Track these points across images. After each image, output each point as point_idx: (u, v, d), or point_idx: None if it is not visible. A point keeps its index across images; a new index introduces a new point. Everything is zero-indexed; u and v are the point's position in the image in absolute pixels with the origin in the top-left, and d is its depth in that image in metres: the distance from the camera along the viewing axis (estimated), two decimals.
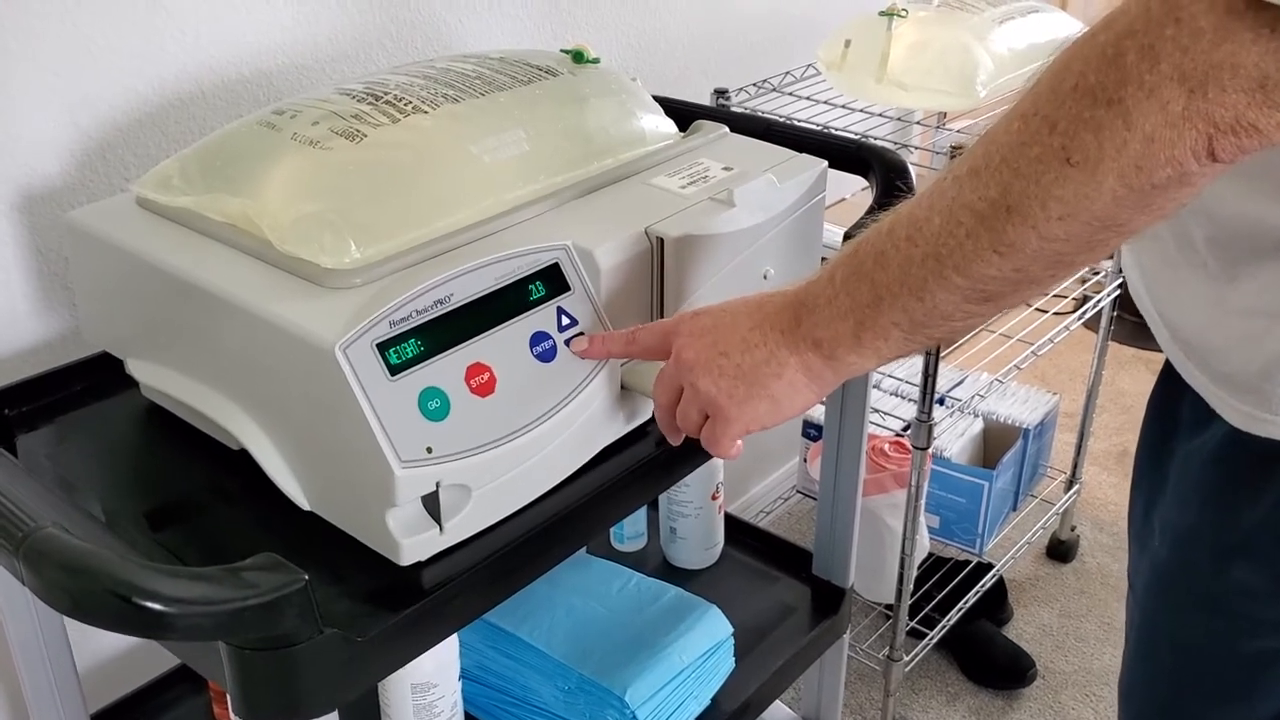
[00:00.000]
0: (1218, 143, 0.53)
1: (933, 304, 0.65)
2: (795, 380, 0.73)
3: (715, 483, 1.32)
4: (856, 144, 1.16)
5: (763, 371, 0.73)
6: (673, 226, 0.86)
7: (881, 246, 0.67)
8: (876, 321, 0.68)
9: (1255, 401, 0.73)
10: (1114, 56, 0.54)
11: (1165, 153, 0.54)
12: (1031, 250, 0.60)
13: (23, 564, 0.61)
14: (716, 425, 0.76)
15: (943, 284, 0.64)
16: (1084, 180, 0.56)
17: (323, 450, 0.76)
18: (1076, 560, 2.09)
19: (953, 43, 1.52)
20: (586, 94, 0.97)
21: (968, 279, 0.63)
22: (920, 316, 0.66)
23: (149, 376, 0.88)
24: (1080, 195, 0.57)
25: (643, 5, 1.52)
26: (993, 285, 0.62)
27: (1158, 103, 0.53)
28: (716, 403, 0.74)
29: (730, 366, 0.73)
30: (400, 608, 0.72)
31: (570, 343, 0.81)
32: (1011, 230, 0.59)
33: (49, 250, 1.01)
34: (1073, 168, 0.56)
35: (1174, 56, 0.52)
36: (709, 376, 0.74)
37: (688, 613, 1.17)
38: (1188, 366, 0.79)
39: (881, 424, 1.71)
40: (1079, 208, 0.57)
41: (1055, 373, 2.55)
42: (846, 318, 0.69)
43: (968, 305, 0.64)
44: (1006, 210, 0.59)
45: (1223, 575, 0.80)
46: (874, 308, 0.67)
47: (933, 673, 1.84)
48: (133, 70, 1.03)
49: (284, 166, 0.84)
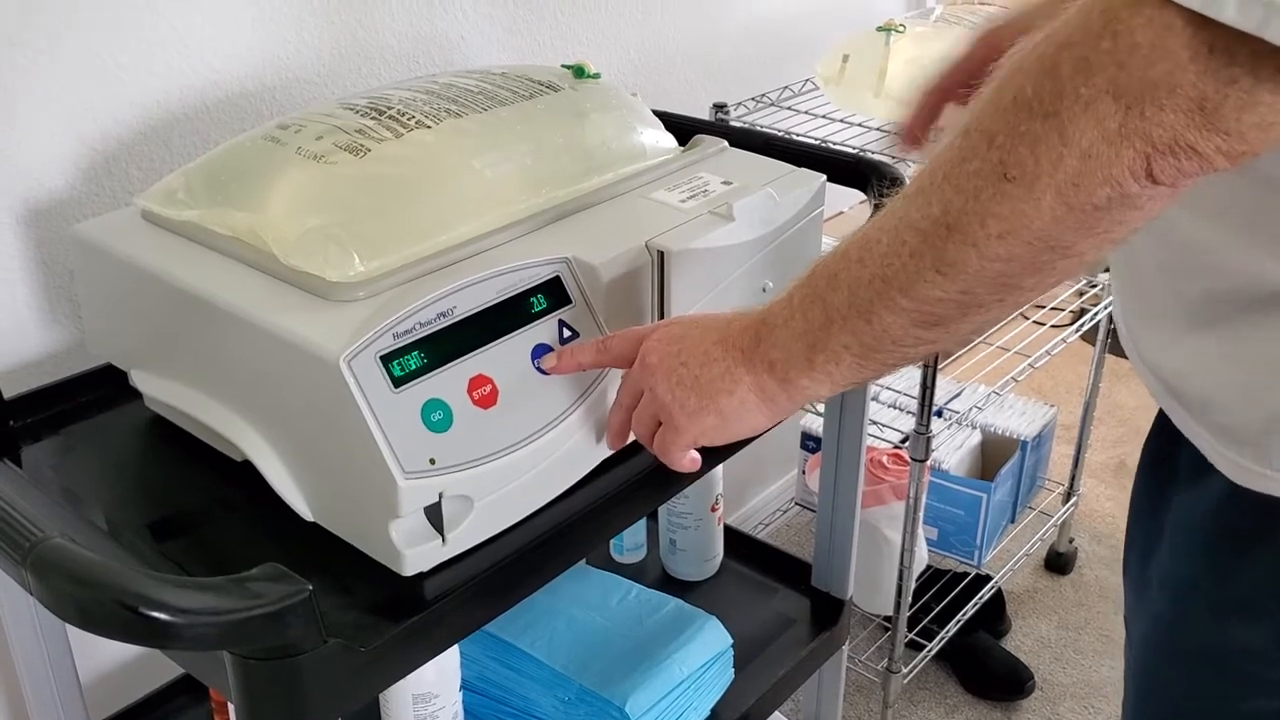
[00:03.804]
0: (1156, 163, 0.52)
1: (881, 327, 0.63)
2: (747, 399, 0.72)
3: (714, 495, 1.32)
4: (855, 158, 1.17)
5: (717, 387, 0.72)
6: (673, 240, 0.87)
7: (835, 268, 0.65)
8: (828, 344, 0.66)
9: (1255, 456, 0.71)
10: (1050, 68, 0.53)
11: (1103, 171, 0.52)
12: (973, 270, 0.58)
13: (30, 574, 0.62)
14: (667, 433, 0.76)
15: (889, 306, 0.62)
16: (1022, 197, 0.55)
17: (326, 461, 0.76)
18: (1075, 572, 2.09)
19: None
20: (587, 109, 0.98)
21: (913, 301, 0.61)
22: (870, 340, 0.64)
23: (153, 388, 0.89)
24: (1018, 213, 0.55)
25: (643, 21, 1.53)
26: (939, 308, 0.61)
27: (1093, 117, 0.51)
28: (669, 410, 0.74)
29: (688, 377, 0.73)
30: (403, 618, 0.73)
31: (539, 361, 0.80)
32: (952, 249, 0.58)
33: (54, 263, 1.02)
34: (1010, 183, 0.55)
35: (1109, 71, 0.51)
36: (666, 383, 0.74)
37: (687, 624, 1.17)
38: (1184, 419, 0.77)
39: (880, 436, 1.72)
40: (1018, 225, 0.55)
41: (1053, 385, 2.56)
42: (800, 340, 0.68)
43: (916, 330, 0.63)
44: (947, 228, 0.58)
45: (1222, 633, 0.78)
46: (825, 330, 0.66)
47: (931, 684, 1.85)
48: (137, 84, 1.04)
49: (288, 180, 0.84)
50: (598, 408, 0.83)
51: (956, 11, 1.66)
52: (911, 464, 1.53)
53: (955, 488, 1.83)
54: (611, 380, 0.84)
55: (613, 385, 0.84)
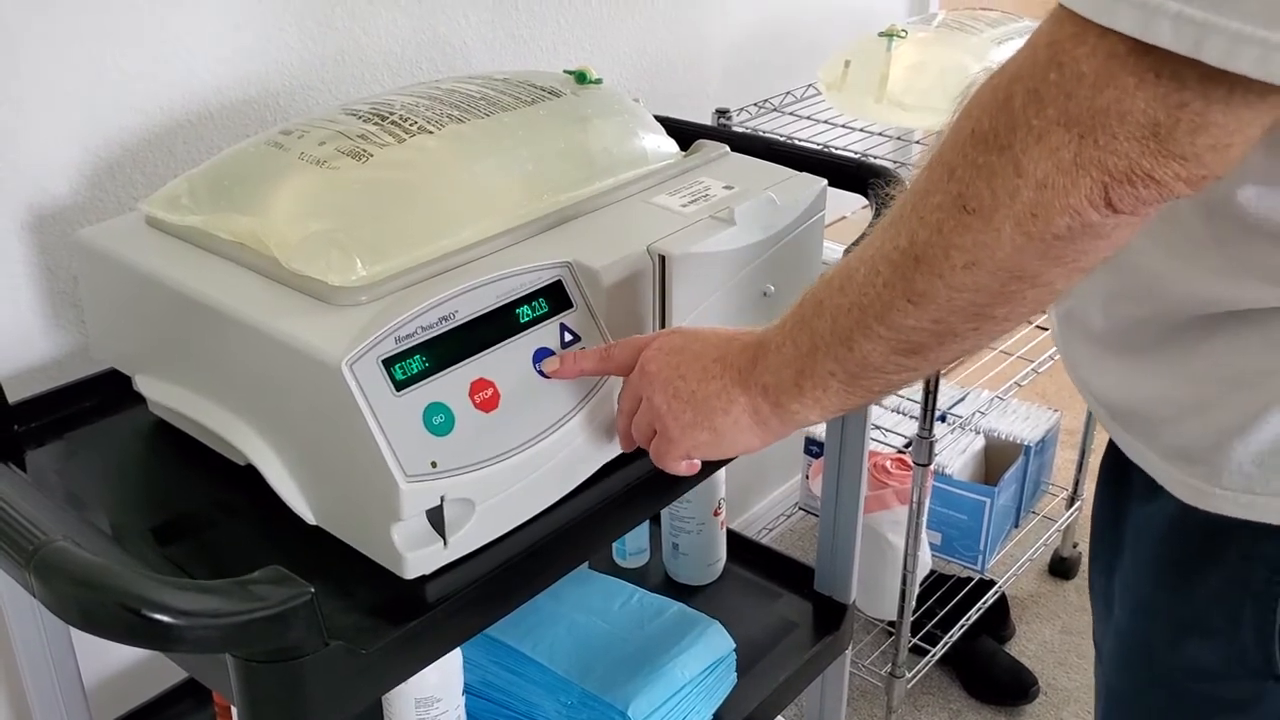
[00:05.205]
0: (1114, 192, 0.52)
1: (861, 354, 0.64)
2: (740, 420, 0.73)
3: (717, 499, 1.32)
4: (856, 163, 1.17)
5: (712, 404, 0.73)
6: (674, 244, 0.87)
7: (820, 295, 0.66)
8: (815, 371, 0.67)
9: (1205, 475, 0.70)
10: (1004, 101, 0.53)
11: (1060, 200, 0.52)
12: (942, 300, 0.59)
13: (33, 577, 0.62)
14: (661, 443, 0.77)
15: (866, 334, 0.63)
16: (981, 228, 0.55)
17: (328, 465, 0.77)
18: (1079, 577, 2.09)
19: (952, 63, 1.53)
20: (589, 114, 0.98)
21: (888, 329, 0.62)
22: (853, 367, 0.65)
23: (157, 393, 0.89)
24: (980, 244, 0.56)
25: (645, 27, 1.53)
26: (915, 336, 0.62)
27: (1047, 148, 0.52)
28: (664, 420, 0.75)
29: (685, 391, 0.74)
30: (404, 621, 0.73)
31: (542, 364, 0.81)
32: (920, 279, 0.59)
33: (59, 268, 1.03)
34: (970, 215, 0.55)
35: (1059, 101, 0.51)
36: (663, 394, 0.75)
37: (690, 628, 1.18)
38: (1129, 442, 0.77)
39: (883, 441, 1.72)
40: (981, 256, 0.56)
41: (1056, 389, 2.56)
42: (790, 366, 0.69)
43: (896, 358, 0.63)
44: (915, 260, 0.59)
45: (1179, 653, 0.77)
46: (811, 356, 0.67)
47: (935, 689, 1.84)
48: (141, 91, 1.04)
49: (291, 186, 0.85)
50: (599, 412, 0.83)
51: (959, 17, 1.66)
52: (915, 469, 1.53)
53: (959, 492, 1.83)
54: (613, 385, 0.84)
55: (614, 389, 0.84)
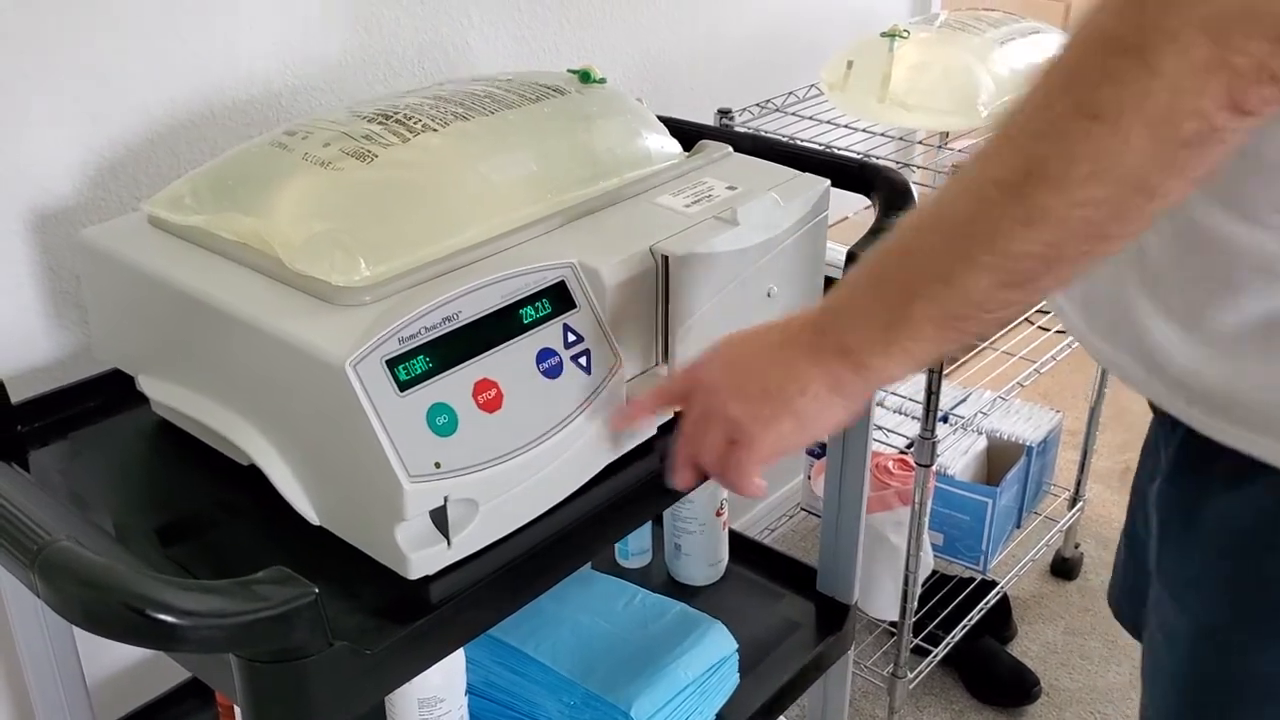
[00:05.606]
0: (1242, 93, 0.51)
1: (963, 291, 0.62)
2: (820, 395, 0.71)
3: (720, 499, 1.32)
4: (859, 163, 1.17)
5: (787, 390, 0.71)
6: (677, 245, 0.87)
7: (906, 245, 0.65)
8: (908, 317, 0.65)
9: None
10: (1136, 3, 0.52)
11: (1191, 103, 0.52)
12: (1060, 217, 0.57)
13: (37, 576, 0.62)
14: (740, 450, 0.75)
15: (971, 265, 0.61)
16: (1108, 134, 0.54)
17: (332, 465, 0.77)
18: (1080, 578, 2.09)
19: (955, 64, 1.53)
20: (593, 114, 0.98)
21: (996, 255, 0.60)
22: (953, 306, 0.63)
23: (160, 393, 0.89)
24: (1106, 151, 0.54)
25: (648, 27, 1.53)
26: (1025, 263, 0.60)
27: (1179, 49, 0.51)
28: (741, 425, 0.74)
29: (755, 388, 0.73)
30: (408, 621, 0.73)
31: (610, 420, 0.83)
32: (1039, 195, 0.57)
33: (62, 268, 1.03)
34: (1095, 121, 0.54)
35: (1194, 2, 0.51)
36: (735, 400, 0.74)
37: (692, 629, 1.18)
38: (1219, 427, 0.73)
39: (885, 441, 1.72)
40: (1107, 165, 0.55)
41: (1058, 390, 2.56)
42: (875, 319, 0.67)
43: (1001, 292, 0.62)
44: (1028, 176, 0.57)
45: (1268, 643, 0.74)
46: (903, 304, 0.65)
47: (937, 690, 1.84)
48: (144, 91, 1.04)
49: (295, 186, 0.85)
50: (602, 411, 0.83)
51: (961, 17, 1.66)
52: (917, 469, 1.53)
53: (961, 493, 1.83)
54: (615, 384, 0.84)
55: (616, 389, 0.84)
